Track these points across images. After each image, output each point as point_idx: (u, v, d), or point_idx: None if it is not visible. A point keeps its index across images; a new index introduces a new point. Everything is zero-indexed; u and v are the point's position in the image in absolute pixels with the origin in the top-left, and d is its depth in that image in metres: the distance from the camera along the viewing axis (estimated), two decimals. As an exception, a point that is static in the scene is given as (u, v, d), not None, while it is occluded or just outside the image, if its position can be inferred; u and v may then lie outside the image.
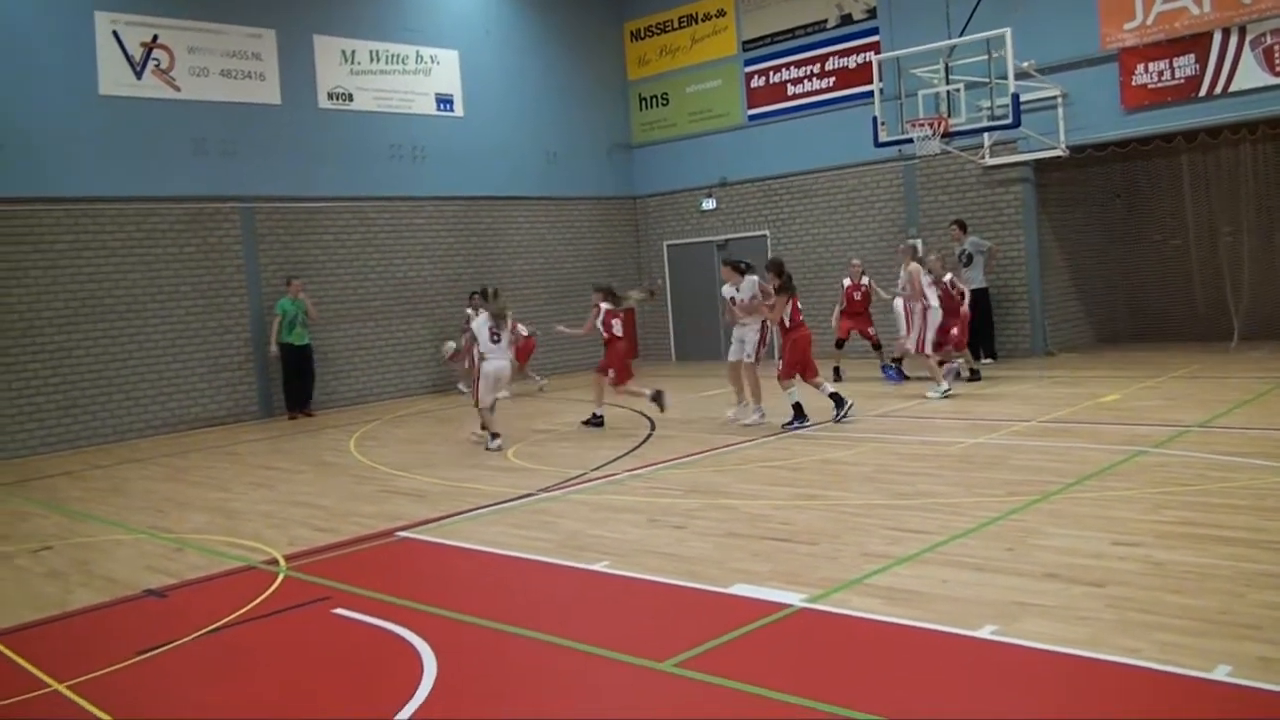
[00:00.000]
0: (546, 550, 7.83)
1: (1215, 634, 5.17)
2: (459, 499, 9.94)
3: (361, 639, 6.17)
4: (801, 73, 21.33)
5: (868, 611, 5.89)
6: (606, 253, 23.70)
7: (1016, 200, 18.63)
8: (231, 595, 7.17)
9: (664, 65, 23.71)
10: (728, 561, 7.11)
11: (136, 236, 16.86)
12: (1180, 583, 5.97)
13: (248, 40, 18.24)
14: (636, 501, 9.29)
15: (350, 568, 7.82)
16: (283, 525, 9.44)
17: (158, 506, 10.88)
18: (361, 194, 19.63)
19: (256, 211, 18.26)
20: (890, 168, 19.99)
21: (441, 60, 20.94)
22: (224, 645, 6.23)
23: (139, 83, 16.97)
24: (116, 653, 6.11)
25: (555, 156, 22.78)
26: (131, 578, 7.92)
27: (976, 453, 10.34)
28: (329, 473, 12.22)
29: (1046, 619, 5.55)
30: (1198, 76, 16.37)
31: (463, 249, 21.14)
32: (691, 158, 23.23)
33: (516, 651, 5.78)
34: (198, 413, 17.30)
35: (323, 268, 19.06)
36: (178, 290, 17.19)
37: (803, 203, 21.46)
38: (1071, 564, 6.44)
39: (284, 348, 17.64)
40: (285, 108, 18.70)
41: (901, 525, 7.71)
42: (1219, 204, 18.64)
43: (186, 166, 17.42)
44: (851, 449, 11.06)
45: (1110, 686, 4.76)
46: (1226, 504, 7.64)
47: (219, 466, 13.33)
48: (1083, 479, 8.78)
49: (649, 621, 6.21)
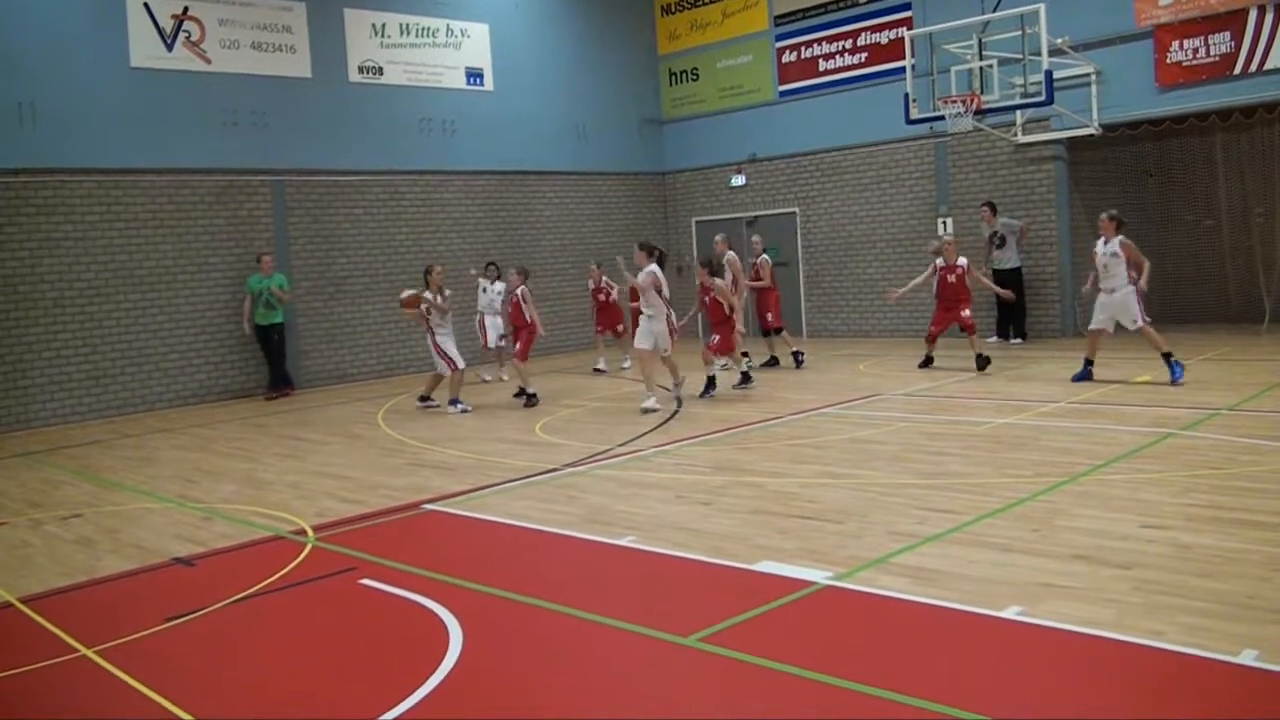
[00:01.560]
0: (572, 524, 7.85)
1: (1242, 618, 5.15)
2: (486, 472, 9.98)
3: (388, 610, 6.21)
4: (833, 48, 21.20)
5: (893, 590, 5.89)
6: (635, 228, 23.64)
7: (1049, 179, 18.49)
8: (259, 564, 7.23)
9: (695, 40, 23.61)
10: (754, 538, 7.11)
11: (168, 209, 16.94)
12: (1208, 566, 5.94)
13: (278, 13, 18.27)
14: (663, 478, 9.30)
15: (377, 539, 7.87)
16: (310, 496, 9.50)
17: (187, 476, 10.97)
18: (392, 168, 19.66)
19: (287, 184, 18.32)
20: (921, 145, 19.88)
21: (472, 34, 20.92)
22: (251, 614, 6.29)
23: (170, 55, 17.03)
24: (144, 619, 6.17)
25: (585, 131, 22.75)
26: (160, 545, 8.00)
27: (1005, 433, 10.30)
28: (357, 445, 12.28)
29: (1072, 600, 5.53)
30: (1233, 54, 16.19)
31: (492, 223, 21.16)
32: (721, 134, 23.16)
33: (541, 624, 5.80)
34: (226, 384, 17.42)
35: (352, 240, 19.11)
36: (207, 262, 17.29)
37: (833, 179, 21.37)
38: (1098, 546, 6.41)
39: (256, 328, 17.20)
40: (316, 81, 18.73)
41: (928, 505, 7.69)
42: (1252, 184, 18.44)
43: (217, 139, 17.49)
44: (879, 428, 11.03)
45: (1134, 669, 4.75)
46: (1255, 488, 7.58)
47: (247, 437, 13.42)
48: (1111, 461, 8.73)
49: (674, 597, 6.22)
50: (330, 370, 18.75)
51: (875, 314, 20.92)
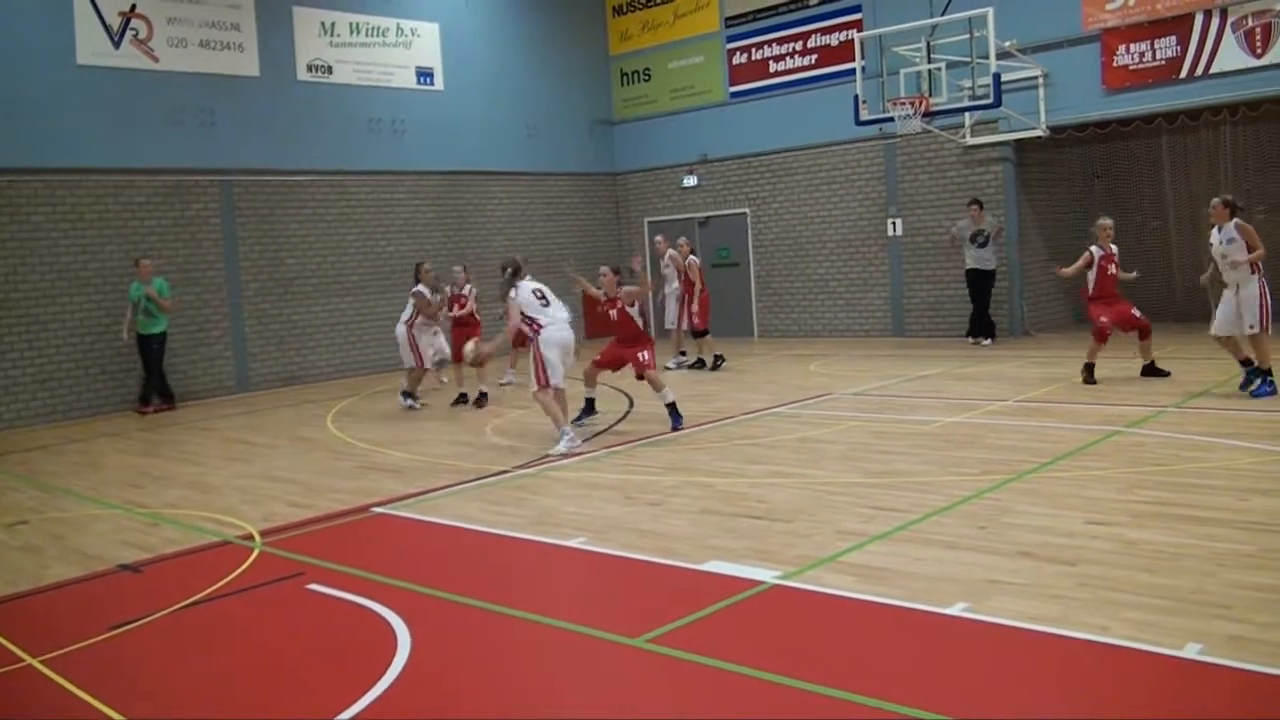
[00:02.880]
0: (522, 527, 7.83)
1: (1187, 613, 5.21)
2: (436, 475, 9.93)
3: (336, 614, 6.16)
4: (784, 50, 21.28)
5: (840, 589, 5.91)
6: (587, 228, 23.66)
7: (996, 180, 18.65)
8: (206, 570, 7.15)
9: (646, 41, 23.63)
10: (703, 538, 7.12)
11: (114, 209, 16.74)
12: (1153, 562, 6.01)
13: (227, 11, 18.09)
14: (613, 479, 9.29)
15: (326, 543, 7.81)
16: (258, 500, 9.41)
17: (133, 481, 10.84)
18: (341, 168, 19.53)
19: (235, 184, 18.15)
20: (871, 146, 19.99)
21: (422, 33, 20.82)
22: (198, 620, 6.22)
23: (117, 52, 16.82)
24: (90, 627, 6.09)
25: (536, 131, 22.70)
26: (106, 552, 7.89)
27: (952, 432, 10.37)
28: (306, 448, 12.19)
29: (1018, 597, 5.58)
30: (1179, 58, 16.40)
31: (442, 224, 21.07)
32: (673, 134, 23.18)
33: (490, 627, 5.78)
34: (174, 386, 17.21)
35: (301, 241, 18.97)
36: (154, 263, 17.07)
37: (784, 180, 21.45)
38: (1044, 542, 6.47)
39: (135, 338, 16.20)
40: (264, 80, 18.56)
41: (876, 503, 7.74)
42: (1198, 186, 18.66)
43: (165, 138, 17.29)
44: (828, 428, 11.08)
45: (1080, 664, 4.79)
46: (1200, 484, 7.68)
47: (195, 441, 13.29)
48: (1057, 458, 8.81)
49: (623, 598, 6.23)
50: (279, 373, 18.58)
51: (826, 314, 21.02)
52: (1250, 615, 5.13)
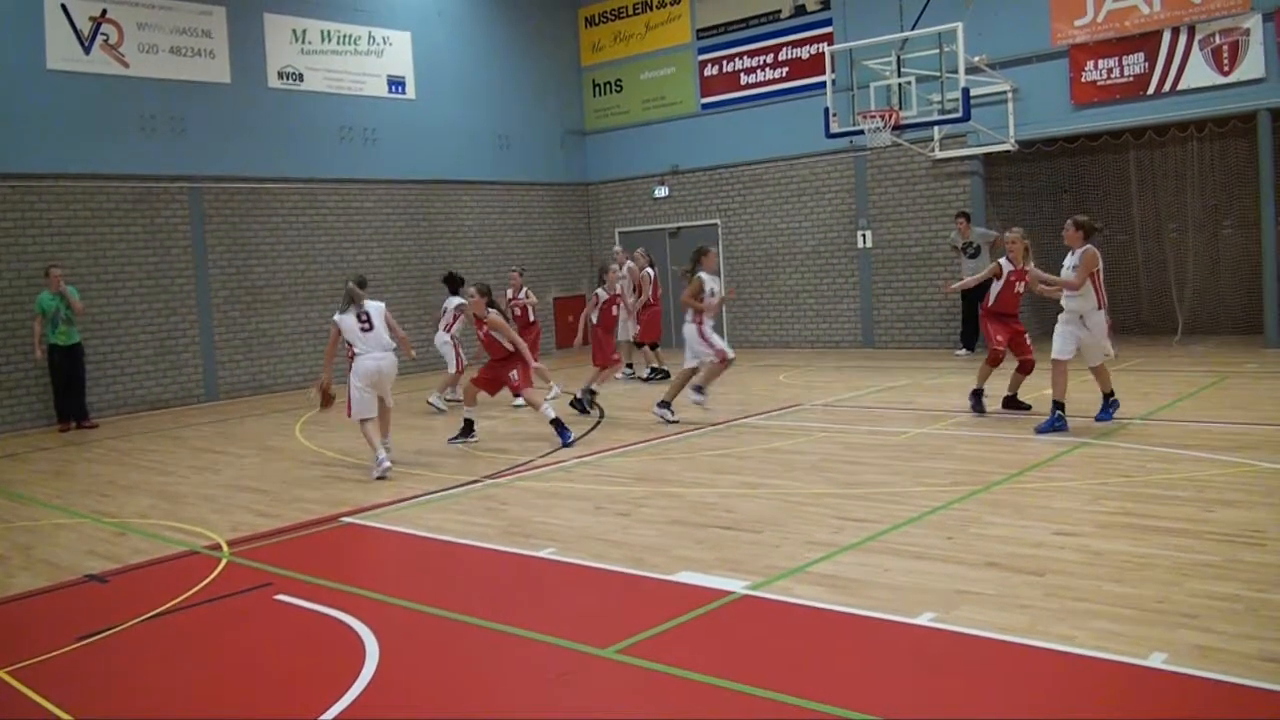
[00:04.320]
0: (491, 537, 7.82)
1: (1152, 622, 5.26)
2: (405, 484, 9.90)
3: (303, 625, 6.14)
4: (755, 62, 21.37)
5: (809, 599, 5.93)
6: (558, 238, 23.67)
7: (965, 193, 18.77)
8: (173, 580, 7.11)
9: (618, 52, 23.68)
10: (673, 549, 7.13)
11: (82, 215, 16.63)
12: (1119, 572, 6.06)
13: (198, 17, 18.02)
14: (583, 489, 9.29)
15: (294, 553, 7.78)
16: (226, 510, 9.36)
17: (101, 490, 10.76)
18: (311, 176, 19.47)
19: (205, 192, 18.06)
20: (841, 158, 20.09)
21: (393, 41, 20.80)
22: (165, 631, 6.18)
23: (87, 58, 16.73)
24: (57, 638, 6.04)
25: (508, 141, 22.70)
26: (73, 562, 7.84)
27: (921, 443, 10.42)
28: (274, 457, 12.14)
29: (985, 607, 5.61)
30: (1146, 74, 16.57)
31: (413, 233, 21.03)
32: (644, 145, 23.23)
33: (459, 638, 5.77)
34: (143, 395, 17.12)
35: (270, 250, 18.89)
36: (123, 271, 16.99)
37: (754, 192, 21.52)
38: (1011, 553, 6.51)
39: (51, 350, 15.39)
40: (235, 86, 18.49)
41: (845, 514, 7.77)
42: (1165, 201, 18.86)
43: (134, 144, 17.20)
44: (798, 438, 11.11)
45: (1046, 673, 4.83)
46: (1166, 495, 7.75)
47: (163, 450, 13.20)
48: (1025, 470, 8.88)
49: (592, 608, 6.22)
50: (247, 381, 18.49)
51: (796, 325, 21.10)
52: (1215, 625, 5.18)
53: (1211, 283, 18.48)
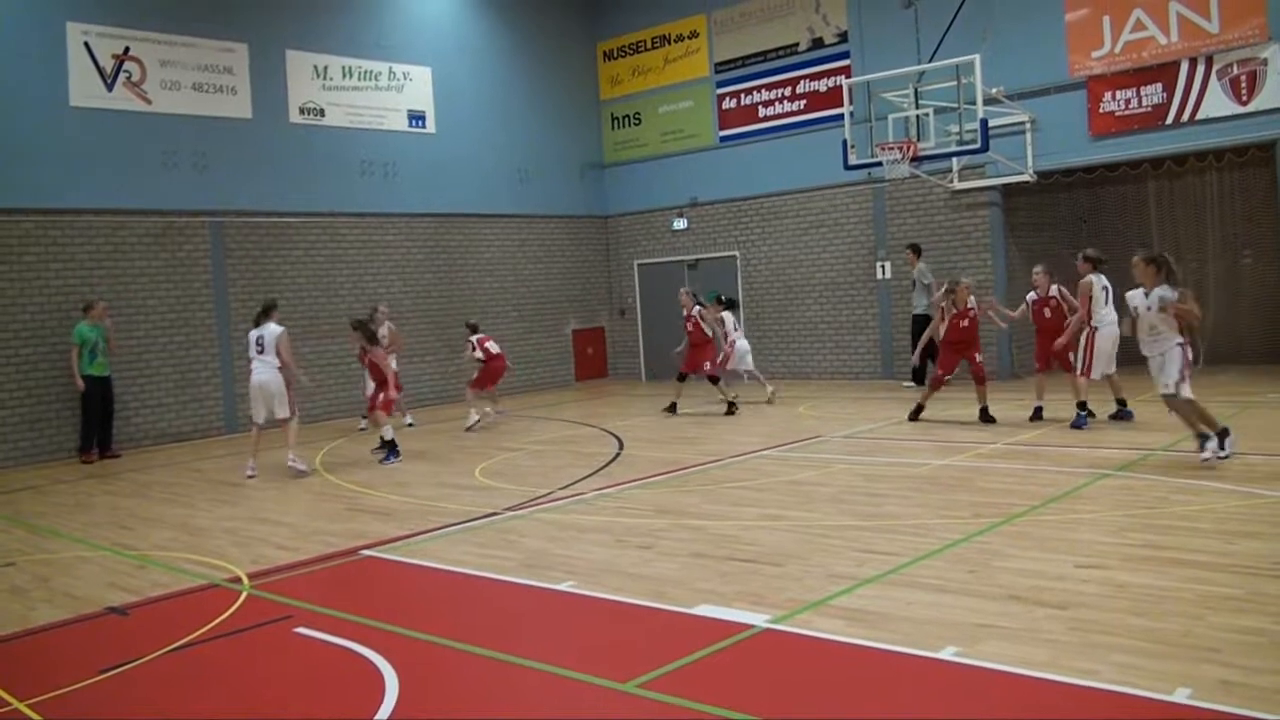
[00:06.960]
0: (511, 570, 7.81)
1: (1176, 656, 5.21)
2: (425, 517, 9.91)
3: (323, 658, 6.13)
4: (773, 95, 21.45)
5: (831, 633, 5.90)
6: (577, 271, 23.75)
7: (984, 224, 18.77)
8: (194, 613, 7.12)
9: (636, 85, 23.80)
10: (693, 582, 7.11)
11: (105, 250, 16.77)
12: (1142, 605, 6.01)
13: (220, 54, 18.20)
14: (603, 521, 9.28)
15: (314, 586, 7.79)
16: (246, 543, 9.38)
17: (121, 522, 10.79)
18: (332, 210, 19.59)
19: (226, 226, 18.19)
20: (859, 190, 20.11)
21: (414, 76, 20.95)
22: (185, 664, 6.18)
23: (110, 95, 16.90)
24: (78, 671, 6.05)
25: (527, 175, 22.81)
26: (94, 594, 7.85)
27: (942, 474, 10.39)
28: (294, 490, 12.16)
29: (1007, 640, 5.58)
30: (1164, 105, 16.58)
31: (432, 266, 21.12)
32: (663, 178, 23.32)
33: (478, 672, 5.76)
34: (164, 428, 17.19)
35: (292, 283, 18.99)
36: (145, 304, 17.10)
37: (772, 224, 21.56)
38: (1034, 586, 6.47)
39: (87, 380, 15.60)
40: (256, 122, 18.65)
41: (867, 546, 7.74)
42: (1184, 230, 18.83)
43: (156, 180, 17.34)
44: (819, 470, 11.08)
45: (1069, 708, 4.79)
46: (1189, 527, 7.70)
47: (184, 482, 13.25)
48: (1047, 501, 8.83)
49: (612, 642, 6.20)
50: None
51: (815, 356, 21.08)
52: (1239, 659, 5.13)
53: (1232, 312, 18.42)
